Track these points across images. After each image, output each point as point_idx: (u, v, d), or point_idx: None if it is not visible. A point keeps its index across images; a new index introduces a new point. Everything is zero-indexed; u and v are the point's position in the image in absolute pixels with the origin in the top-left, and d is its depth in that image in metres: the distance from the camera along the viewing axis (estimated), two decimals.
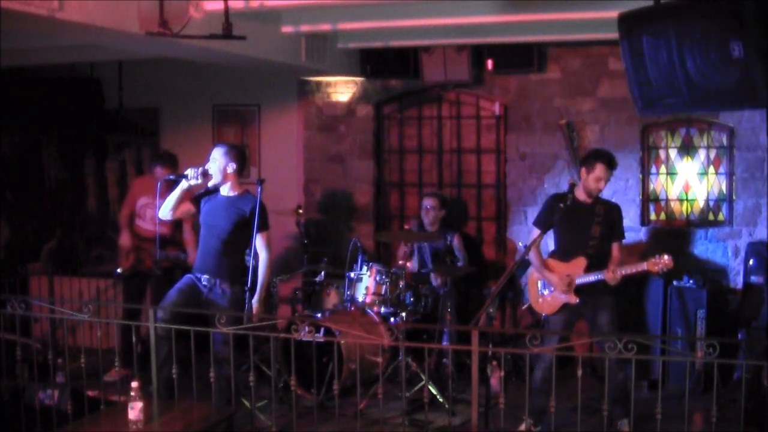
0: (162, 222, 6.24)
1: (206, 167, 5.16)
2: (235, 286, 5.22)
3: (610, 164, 5.12)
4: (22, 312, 4.69)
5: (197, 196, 5.35)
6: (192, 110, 8.28)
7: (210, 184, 5.23)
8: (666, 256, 4.89)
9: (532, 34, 6.39)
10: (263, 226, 5.20)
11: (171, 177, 5.29)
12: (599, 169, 5.09)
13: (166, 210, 5.24)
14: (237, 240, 5.22)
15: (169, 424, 4.14)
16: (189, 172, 5.09)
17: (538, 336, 4.19)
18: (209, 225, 5.28)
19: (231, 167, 5.20)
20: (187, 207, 5.33)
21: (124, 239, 6.50)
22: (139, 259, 6.44)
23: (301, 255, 6.88)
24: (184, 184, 5.13)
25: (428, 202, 6.73)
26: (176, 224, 6.25)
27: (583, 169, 5.19)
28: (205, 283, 5.24)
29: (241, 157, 5.33)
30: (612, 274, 4.96)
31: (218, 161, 5.18)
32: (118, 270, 6.54)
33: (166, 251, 6.13)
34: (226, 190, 5.27)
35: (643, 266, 4.97)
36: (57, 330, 6.55)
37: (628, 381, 5.02)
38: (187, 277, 5.33)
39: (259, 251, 5.19)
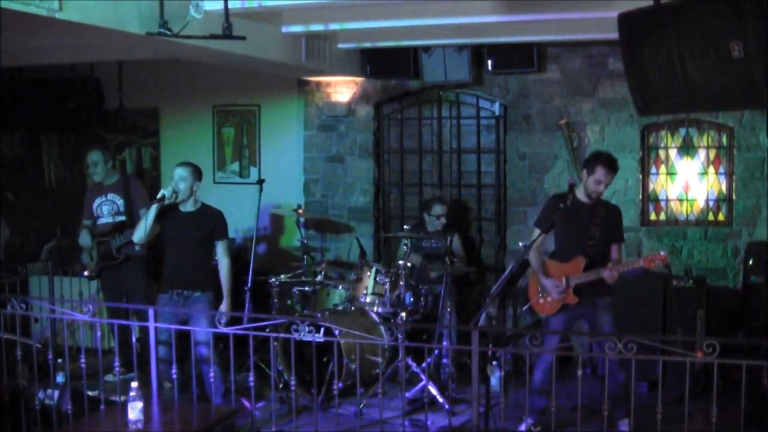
0: (119, 212, 6.41)
1: (176, 187, 5.32)
2: (207, 291, 5.40)
3: (611, 167, 5.10)
4: (22, 312, 4.69)
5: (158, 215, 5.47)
6: (192, 110, 8.28)
7: (179, 200, 5.37)
8: (662, 252, 4.91)
9: (532, 34, 6.39)
10: (223, 236, 5.46)
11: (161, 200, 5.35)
12: (599, 173, 5.07)
13: (144, 235, 5.36)
14: (205, 251, 5.45)
15: (169, 424, 4.14)
16: (166, 193, 5.27)
17: (539, 336, 4.19)
18: (177, 240, 5.40)
19: (196, 185, 5.43)
20: (157, 228, 5.47)
21: (84, 239, 6.56)
22: (101, 254, 6.47)
23: (301, 255, 6.88)
24: (156, 208, 5.28)
25: (440, 209, 6.70)
26: (130, 211, 6.42)
27: (584, 171, 5.19)
28: (177, 297, 5.34)
29: (201, 175, 5.54)
30: (609, 272, 4.96)
31: (188, 180, 5.36)
32: (85, 273, 6.58)
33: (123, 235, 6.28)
34: (188, 207, 5.43)
35: (640, 263, 4.99)
36: (57, 330, 6.56)
37: (628, 381, 5.02)
38: (163, 305, 5.38)
39: (219, 259, 5.45)
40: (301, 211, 6.88)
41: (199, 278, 5.37)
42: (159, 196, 5.27)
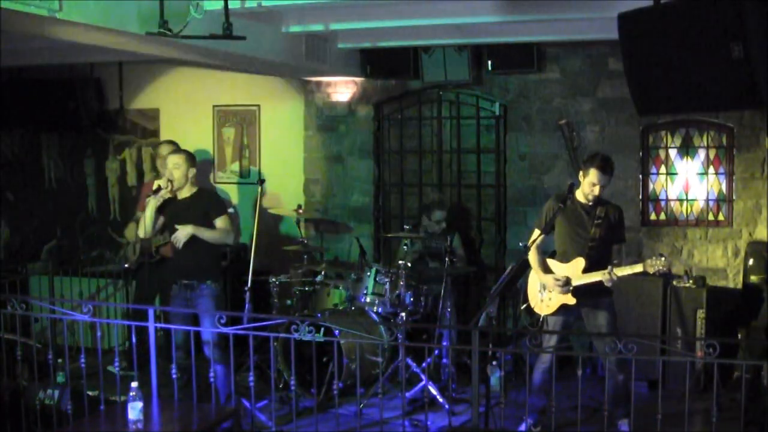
0: None
1: (170, 176, 5.33)
2: (214, 282, 5.35)
3: (604, 169, 5.05)
4: (22, 312, 4.69)
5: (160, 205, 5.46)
6: (192, 110, 8.28)
7: (175, 189, 5.37)
8: (663, 258, 4.88)
9: (532, 34, 6.39)
10: (220, 211, 5.40)
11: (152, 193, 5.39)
12: (592, 175, 5.05)
13: (149, 230, 5.40)
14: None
15: (169, 424, 4.14)
16: (161, 183, 5.30)
17: (538, 336, 4.19)
18: (176, 229, 5.37)
19: (191, 172, 5.39)
20: (160, 219, 5.48)
21: (130, 232, 6.80)
22: (143, 248, 6.58)
23: (301, 255, 6.88)
24: (157, 201, 5.29)
25: (440, 215, 6.70)
26: None
27: (581, 173, 5.19)
28: (184, 289, 5.34)
29: (195, 161, 5.52)
30: (609, 276, 4.95)
31: (182, 167, 5.34)
32: (126, 264, 6.70)
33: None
34: (183, 193, 5.41)
35: (640, 268, 4.96)
36: (57, 330, 6.57)
37: (628, 381, 5.03)
38: (173, 295, 5.41)
39: (220, 229, 5.37)
40: (301, 211, 6.89)
41: (202, 267, 5.32)
42: (154, 188, 5.30)
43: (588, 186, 5.09)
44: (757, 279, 6.18)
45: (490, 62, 7.00)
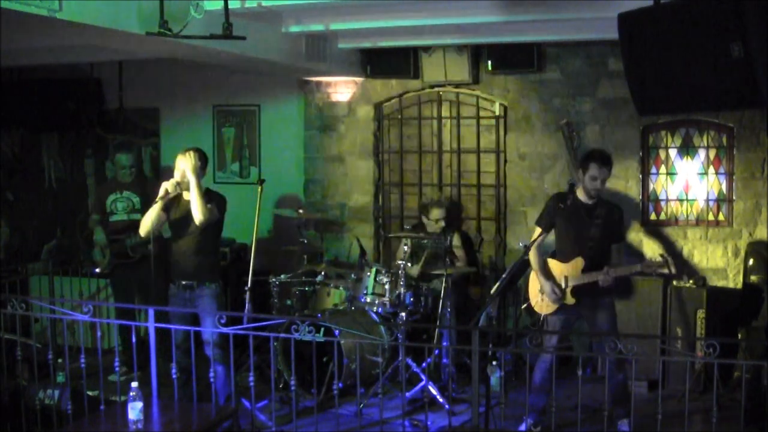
0: (134, 209, 6.46)
1: (180, 178, 5.28)
2: (213, 283, 5.33)
3: (603, 162, 5.09)
4: (22, 312, 4.69)
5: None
6: (192, 110, 8.28)
7: (182, 190, 5.32)
8: (660, 259, 4.88)
9: (532, 34, 6.39)
10: (216, 201, 5.33)
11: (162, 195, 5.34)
12: (592, 168, 5.08)
13: (148, 230, 5.31)
14: (207, 238, 5.35)
15: (169, 424, 4.14)
16: (169, 186, 5.23)
17: (538, 336, 4.19)
18: (179, 228, 5.37)
19: (202, 173, 5.34)
20: (162, 217, 5.44)
21: (100, 236, 6.67)
22: (115, 252, 6.53)
23: (301, 255, 6.88)
24: (162, 203, 5.24)
25: (439, 213, 6.70)
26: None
27: (580, 171, 5.20)
28: (182, 289, 5.32)
29: (207, 161, 5.45)
30: (605, 276, 4.96)
31: (191, 168, 5.26)
32: (96, 270, 6.66)
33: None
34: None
35: (637, 268, 4.97)
36: (57, 330, 6.57)
37: (628, 381, 5.03)
38: (171, 294, 5.39)
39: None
40: (301, 211, 6.89)
41: (203, 268, 5.31)
42: (161, 192, 5.24)
43: (589, 181, 5.10)
44: (757, 279, 6.17)
45: (490, 62, 7.00)
